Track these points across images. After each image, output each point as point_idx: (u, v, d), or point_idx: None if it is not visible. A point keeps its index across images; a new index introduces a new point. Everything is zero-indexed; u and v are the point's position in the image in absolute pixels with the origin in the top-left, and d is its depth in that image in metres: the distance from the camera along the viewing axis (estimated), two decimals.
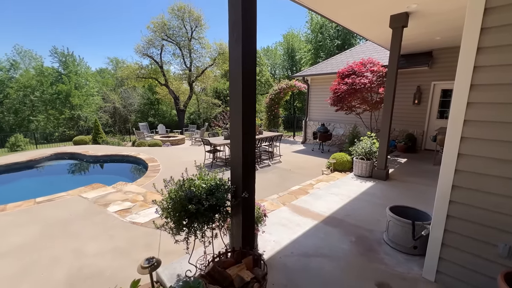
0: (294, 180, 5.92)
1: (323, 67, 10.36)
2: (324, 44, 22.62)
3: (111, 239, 3.33)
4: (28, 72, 28.23)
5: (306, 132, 10.96)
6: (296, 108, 28.21)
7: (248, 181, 2.22)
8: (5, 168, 7.89)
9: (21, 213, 4.05)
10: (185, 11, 19.23)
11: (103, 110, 25.92)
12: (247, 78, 2.03)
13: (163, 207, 2.17)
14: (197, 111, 28.97)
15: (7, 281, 2.52)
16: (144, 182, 5.78)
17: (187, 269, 2.42)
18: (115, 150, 10.09)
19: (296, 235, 3.14)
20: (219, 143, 7.10)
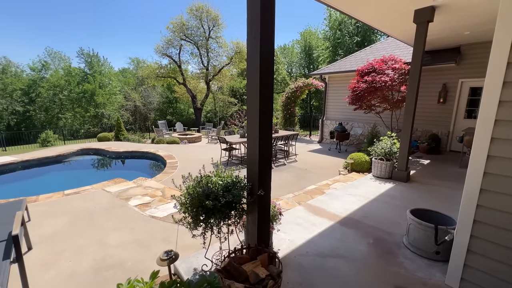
0: (310, 179, 5.85)
1: (341, 65, 10.11)
2: (342, 41, 22.06)
3: (132, 231, 3.49)
4: (57, 72, 30.07)
5: (323, 131, 10.77)
6: (313, 107, 27.80)
7: (264, 179, 2.23)
8: (37, 162, 8.48)
9: (51, 204, 4.35)
10: (203, 11, 19.52)
11: (125, 108, 27.05)
12: (265, 77, 2.03)
13: (181, 202, 2.23)
14: (214, 110, 29.41)
15: (39, 268, 2.72)
16: (163, 178, 5.97)
17: (203, 263, 2.48)
18: (135, 146, 10.51)
19: (311, 235, 3.11)
20: (235, 141, 7.17)
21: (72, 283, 2.50)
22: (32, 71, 30.41)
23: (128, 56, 60.94)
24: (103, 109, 27.96)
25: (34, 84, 28.57)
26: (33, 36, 51.45)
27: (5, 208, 3.26)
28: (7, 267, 2.16)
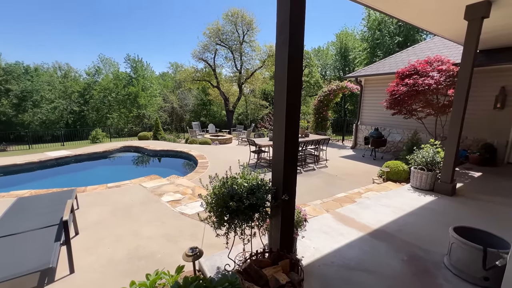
0: (340, 186, 5.61)
1: (380, 67, 9.54)
2: (382, 42, 20.82)
3: (163, 225, 3.70)
4: (107, 76, 33.42)
5: (357, 136, 10.25)
6: (347, 111, 26.66)
7: (289, 183, 2.20)
8: (87, 157, 9.50)
9: (96, 195, 4.83)
10: (238, 16, 20.07)
11: (163, 109, 28.93)
12: (292, 81, 2.02)
13: (207, 201, 2.31)
14: (245, 112, 29.92)
15: (83, 251, 3.03)
16: (193, 177, 6.23)
17: (226, 263, 2.52)
18: (170, 146, 11.17)
19: (338, 245, 2.97)
20: (264, 144, 7.19)
21: (110, 268, 2.74)
22: (87, 75, 34.26)
23: (168, 60, 65.30)
24: (144, 110, 30.26)
25: (88, 87, 32.10)
26: (90, 44, 58.08)
27: (59, 196, 3.72)
28: (58, 248, 2.45)
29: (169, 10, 63.08)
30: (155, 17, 63.24)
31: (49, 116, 28.70)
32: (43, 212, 3.19)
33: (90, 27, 55.80)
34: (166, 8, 62.42)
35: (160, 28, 65.16)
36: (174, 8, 62.82)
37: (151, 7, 61.32)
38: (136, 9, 59.84)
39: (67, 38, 56.72)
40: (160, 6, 62.02)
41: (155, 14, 63.01)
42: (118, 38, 58.91)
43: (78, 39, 57.75)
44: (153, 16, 62.82)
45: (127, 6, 58.73)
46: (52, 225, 2.82)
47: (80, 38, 57.93)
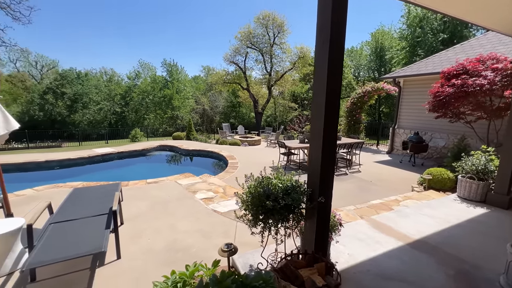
0: (375, 193, 5.34)
1: (421, 66, 8.88)
2: (423, 40, 19.34)
3: (197, 221, 3.87)
4: (146, 80, 35.90)
5: (394, 141, 9.64)
6: (382, 114, 25.21)
7: (326, 186, 2.17)
8: (128, 154, 10.31)
9: (137, 190, 5.22)
10: (269, 19, 20.20)
11: (195, 111, 30.21)
12: (332, 83, 1.99)
13: (242, 200, 2.37)
14: (273, 114, 29.92)
15: (128, 240, 3.29)
16: (224, 177, 6.41)
17: (259, 261, 2.56)
18: (202, 146, 11.61)
19: (374, 253, 2.83)
20: (294, 146, 7.13)
21: (150, 257, 2.94)
22: (128, 79, 37.21)
23: (200, 64, 68.10)
24: (177, 112, 31.88)
25: (129, 90, 34.82)
26: (132, 50, 63.11)
27: (107, 189, 4.09)
28: (108, 235, 2.71)
29: (202, 15, 65.86)
30: (190, 22, 66.55)
31: (95, 117, 31.68)
32: (94, 202, 3.54)
33: (133, 34, 60.70)
34: (199, 12, 65.28)
35: (194, 32, 68.31)
36: (207, 13, 65.43)
37: (186, 12, 64.61)
38: (173, 13, 63.54)
39: (112, 46, 62.39)
40: (194, 12, 65.03)
41: (190, 19, 66.26)
42: (155, 45, 63.13)
43: (121, 46, 63.13)
44: (188, 22, 66.17)
45: (164, 14, 62.66)
46: (103, 214, 3.12)
47: (123, 45, 63.27)
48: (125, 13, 57.82)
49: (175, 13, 63.65)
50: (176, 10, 63.37)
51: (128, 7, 57.08)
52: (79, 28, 55.55)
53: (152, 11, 61.08)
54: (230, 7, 60.33)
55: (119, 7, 55.97)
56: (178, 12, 63.72)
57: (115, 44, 62.94)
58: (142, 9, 59.09)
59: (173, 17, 63.82)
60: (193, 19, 66.11)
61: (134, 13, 58.96)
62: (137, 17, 59.45)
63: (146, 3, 58.40)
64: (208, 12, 64.67)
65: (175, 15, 63.95)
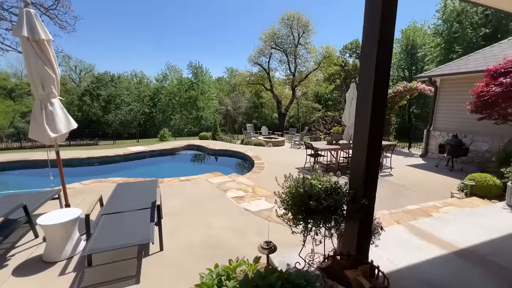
0: (409, 198, 5.10)
1: (461, 64, 8.29)
2: (461, 36, 18.01)
3: (230, 219, 3.98)
4: (172, 82, 37.41)
5: (428, 143, 9.10)
6: (413, 115, 23.88)
7: (370, 188, 2.14)
8: (159, 152, 10.84)
9: (171, 187, 5.48)
10: (293, 19, 20.09)
11: (218, 112, 30.88)
12: (380, 85, 1.96)
13: (282, 199, 2.41)
14: (296, 115, 29.63)
15: (168, 234, 3.46)
16: (252, 177, 6.50)
17: (296, 261, 2.59)
18: (228, 146, 11.85)
19: (416, 260, 2.72)
20: (322, 148, 7.03)
21: (189, 251, 3.09)
22: (156, 81, 39.04)
23: (224, 65, 69.47)
24: (202, 112, 32.81)
25: (157, 91, 36.51)
26: (160, 54, 66.17)
27: (146, 184, 4.36)
28: (153, 227, 2.89)
29: (227, 18, 67.13)
30: (215, 24, 68.20)
31: (126, 117, 33.62)
32: (137, 196, 3.79)
33: (162, 38, 63.62)
34: (223, 14, 66.61)
35: (218, 34, 69.87)
36: (230, 15, 66.56)
37: (212, 15, 66.28)
38: (198, 17, 65.54)
39: (142, 50, 65.91)
40: (219, 13, 66.50)
41: (215, 21, 67.90)
42: (182, 47, 65.58)
43: (151, 50, 66.43)
44: (213, 23, 67.87)
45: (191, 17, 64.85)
46: (146, 208, 3.33)
47: (152, 48, 66.54)
48: (153, 18, 60.79)
49: (201, 16, 65.61)
50: (201, 14, 65.30)
51: (156, 12, 59.99)
52: (113, 34, 59.46)
53: (179, 15, 63.54)
54: (256, 7, 60.82)
55: (148, 12, 59.04)
56: (204, 15, 65.59)
57: (145, 47, 66.43)
58: (170, 12, 61.77)
59: (199, 20, 65.88)
60: (217, 21, 67.66)
61: (162, 17, 61.78)
62: (166, 20, 62.20)
63: (174, 7, 60.94)
64: (231, 14, 65.80)
65: (201, 18, 65.93)
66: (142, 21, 60.40)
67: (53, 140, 3.03)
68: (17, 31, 2.64)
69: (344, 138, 7.65)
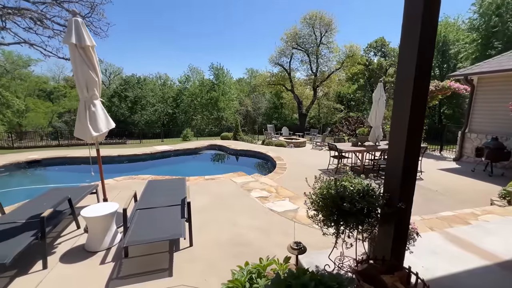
0: (442, 203, 4.83)
1: (503, 61, 7.66)
2: (501, 30, 16.62)
3: (255, 218, 4.02)
4: (194, 83, 38.44)
5: (463, 146, 8.51)
6: (444, 116, 22.46)
7: (407, 191, 2.07)
8: (183, 152, 11.20)
9: (197, 185, 5.64)
10: (316, 18, 19.78)
11: (239, 112, 31.22)
12: (419, 87, 1.89)
13: (312, 200, 2.40)
14: (317, 116, 29.12)
15: (197, 231, 3.56)
16: (274, 177, 6.50)
17: (325, 263, 2.56)
18: (249, 146, 11.95)
19: (455, 270, 2.57)
20: (347, 150, 6.86)
21: (217, 248, 3.17)
22: (179, 83, 40.34)
23: (245, 66, 70.20)
24: (222, 113, 33.37)
25: (180, 93, 37.73)
26: (184, 57, 68.46)
27: (174, 182, 4.54)
28: (184, 223, 3.01)
29: (247, 19, 67.75)
30: (236, 26, 69.16)
31: (151, 117, 35.14)
32: (166, 193, 3.96)
33: (184, 40, 65.79)
34: (244, 16, 67.29)
35: (239, 36, 70.72)
36: (251, 16, 67.08)
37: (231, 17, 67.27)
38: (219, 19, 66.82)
39: (167, 54, 68.62)
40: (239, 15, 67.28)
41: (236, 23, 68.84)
42: (205, 49, 67.30)
43: (175, 53, 68.94)
44: (234, 25, 68.87)
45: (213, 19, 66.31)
46: (176, 205, 3.48)
47: (176, 51, 69.01)
48: (177, 20, 62.96)
49: (219, 19, 66.82)
50: (221, 16, 66.48)
51: (180, 15, 62.09)
52: (141, 38, 62.49)
53: (200, 16, 65.23)
54: (276, 8, 60.76)
55: (173, 15, 61.31)
56: (225, 17, 66.72)
57: (170, 50, 69.04)
58: (193, 14, 63.63)
59: (220, 23, 67.16)
60: (238, 23, 68.48)
61: (186, 19, 63.80)
62: (189, 22, 64.19)
63: (197, 8, 62.71)
64: (251, 16, 66.28)
65: (222, 20, 67.14)
66: (166, 23, 62.86)
67: (94, 138, 3.26)
68: (66, 38, 2.89)
69: (370, 139, 7.39)
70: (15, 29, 10.27)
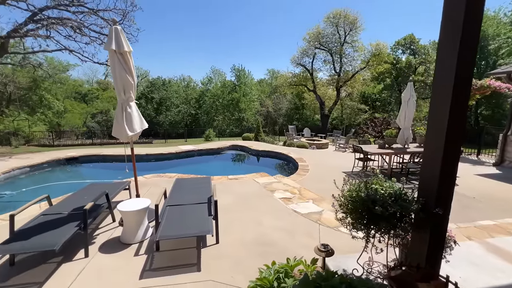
0: (481, 211, 4.49)
1: None
2: None
3: (279, 219, 4.03)
4: (216, 84, 39.25)
5: (505, 150, 7.82)
6: (481, 117, 20.78)
7: (445, 197, 1.97)
8: (206, 152, 11.50)
9: (221, 184, 5.77)
10: (340, 17, 19.30)
11: (259, 113, 31.34)
12: (460, 89, 1.80)
13: (341, 203, 2.36)
14: (340, 116, 28.36)
15: (222, 228, 3.64)
16: (297, 179, 6.45)
17: (353, 267, 2.50)
18: (271, 147, 11.96)
19: (498, 282, 2.40)
20: (373, 152, 6.62)
21: (242, 246, 3.23)
22: (202, 85, 41.45)
23: (266, 67, 70.40)
24: (243, 114, 33.71)
25: (202, 94, 38.75)
26: (206, 59, 70.38)
27: (200, 181, 4.69)
28: (211, 221, 3.11)
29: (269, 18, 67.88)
30: (258, 26, 69.65)
31: (175, 118, 36.48)
32: (193, 191, 4.10)
33: (209, 45, 67.61)
34: (266, 17, 67.49)
35: (260, 36, 71.10)
36: (274, 17, 67.09)
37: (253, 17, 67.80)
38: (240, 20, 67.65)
39: (190, 56, 70.94)
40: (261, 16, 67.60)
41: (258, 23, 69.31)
42: (227, 50, 68.59)
43: (199, 55, 71.06)
44: (256, 26, 69.40)
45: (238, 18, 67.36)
46: (203, 203, 3.59)
47: (200, 54, 71.12)
48: (199, 21, 64.79)
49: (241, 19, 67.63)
50: (242, 16, 67.26)
51: (203, 17, 63.86)
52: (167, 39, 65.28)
53: (221, 17, 66.54)
54: (299, 8, 60.20)
55: (195, 17, 63.23)
56: (245, 17, 67.43)
57: (194, 53, 71.30)
58: (215, 16, 65.14)
59: (242, 24, 68.03)
60: (260, 23, 68.85)
61: (208, 21, 65.48)
62: (211, 23, 65.83)
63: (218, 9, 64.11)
64: (272, 16, 66.27)
65: (242, 20, 67.94)
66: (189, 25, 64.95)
67: (129, 137, 3.48)
68: (107, 45, 3.13)
69: (398, 141, 7.07)
70: (57, 37, 11.24)
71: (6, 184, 6.76)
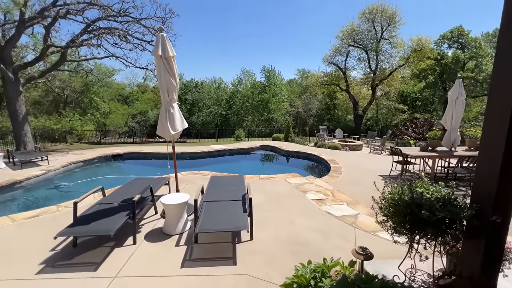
0: None
1: None
2: None
3: (312, 220, 3.99)
4: (246, 85, 39.85)
5: None
6: None
7: (504, 203, 1.79)
8: (237, 151, 11.78)
9: (253, 183, 5.87)
10: (376, 12, 18.29)
11: (289, 113, 31.08)
12: None
13: (381, 205, 2.28)
14: (375, 117, 26.87)
15: (255, 226, 3.73)
16: (329, 180, 6.30)
17: (393, 274, 2.39)
18: (301, 148, 11.82)
19: None
20: (414, 155, 6.18)
21: (276, 244, 3.28)
22: (232, 86, 42.43)
23: (296, 67, 69.64)
24: (273, 114, 33.73)
25: (232, 95, 39.67)
26: (237, 61, 71.89)
27: (233, 179, 4.84)
28: (246, 217, 3.21)
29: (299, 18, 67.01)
30: (288, 26, 69.27)
31: (206, 118, 37.89)
32: (228, 188, 4.26)
33: (239, 49, 69.13)
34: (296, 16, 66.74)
35: (291, 36, 70.55)
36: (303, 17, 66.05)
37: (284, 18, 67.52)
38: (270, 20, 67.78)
39: (221, 59, 73.20)
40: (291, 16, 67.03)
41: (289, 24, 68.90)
42: (257, 51, 69.36)
43: (227, 57, 73.00)
44: (286, 26, 69.09)
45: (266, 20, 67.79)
46: (238, 200, 3.72)
47: (230, 56, 72.96)
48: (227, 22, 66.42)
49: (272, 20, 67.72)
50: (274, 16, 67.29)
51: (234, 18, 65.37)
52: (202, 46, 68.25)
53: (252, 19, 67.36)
54: (331, 4, 58.50)
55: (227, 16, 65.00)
56: (276, 18, 67.41)
57: (223, 57, 73.48)
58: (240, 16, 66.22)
59: (272, 23, 68.20)
60: (291, 23, 68.35)
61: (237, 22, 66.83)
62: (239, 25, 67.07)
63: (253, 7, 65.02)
64: (303, 16, 65.21)
65: (273, 21, 68.01)
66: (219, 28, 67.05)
67: (172, 136, 3.75)
68: (154, 51, 3.41)
69: (443, 144, 6.50)
70: (106, 45, 12.46)
71: (65, 176, 7.68)
